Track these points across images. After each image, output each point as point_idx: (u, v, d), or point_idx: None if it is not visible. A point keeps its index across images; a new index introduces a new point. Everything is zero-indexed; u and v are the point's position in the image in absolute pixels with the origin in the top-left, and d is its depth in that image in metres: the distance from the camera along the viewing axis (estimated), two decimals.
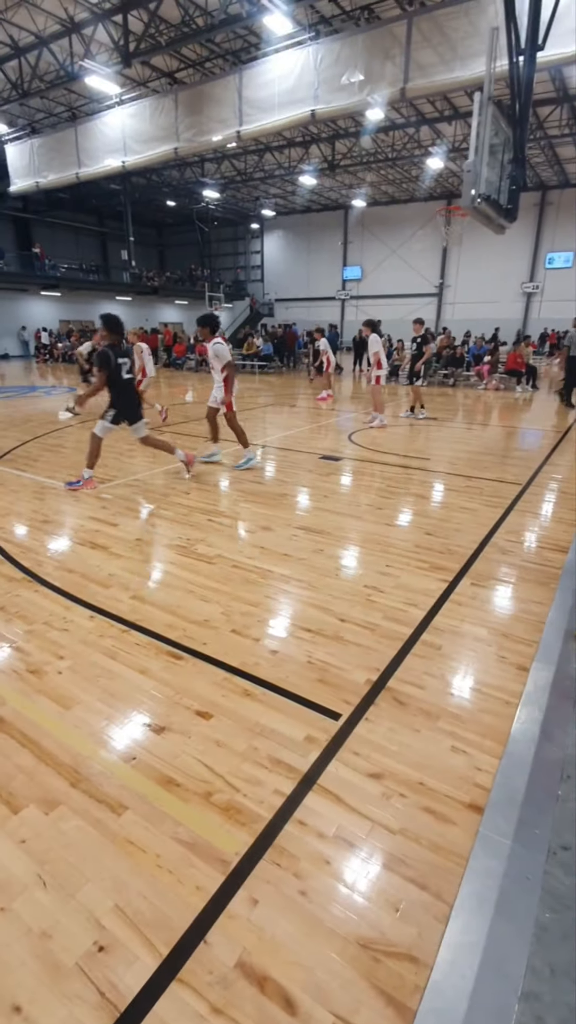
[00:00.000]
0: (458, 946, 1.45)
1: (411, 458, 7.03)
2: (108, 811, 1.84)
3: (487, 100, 5.95)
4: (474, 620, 3.07)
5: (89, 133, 14.87)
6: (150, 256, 34.52)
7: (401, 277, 27.84)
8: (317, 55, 10.67)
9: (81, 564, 3.75)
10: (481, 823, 1.78)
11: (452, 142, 18.87)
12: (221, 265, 34.11)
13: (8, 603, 3.21)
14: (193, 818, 1.82)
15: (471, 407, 12.66)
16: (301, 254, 31.29)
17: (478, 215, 6.40)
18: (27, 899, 1.56)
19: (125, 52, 11.90)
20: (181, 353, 22.76)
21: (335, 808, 1.85)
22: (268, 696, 2.42)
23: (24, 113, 17.48)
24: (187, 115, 12.79)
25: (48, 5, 11.99)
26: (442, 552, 4.01)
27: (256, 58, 12.47)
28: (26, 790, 1.93)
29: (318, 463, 6.72)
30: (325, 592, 3.39)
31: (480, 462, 6.85)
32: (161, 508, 4.95)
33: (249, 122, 11.86)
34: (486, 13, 9.14)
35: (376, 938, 1.47)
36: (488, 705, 2.37)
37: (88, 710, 2.33)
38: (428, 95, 12.11)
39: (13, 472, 6.12)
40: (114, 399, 5.32)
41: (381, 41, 10.11)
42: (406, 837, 1.75)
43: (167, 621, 3.04)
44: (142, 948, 1.44)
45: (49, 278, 25.90)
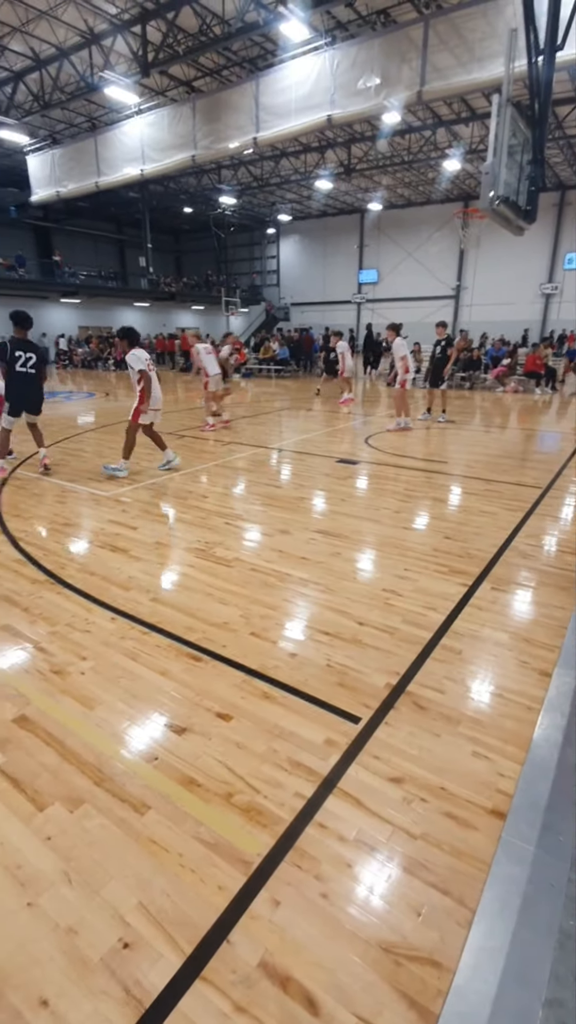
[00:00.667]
0: (481, 951, 1.44)
1: (429, 461, 7.00)
2: (131, 810, 1.87)
3: (505, 101, 5.93)
4: (495, 625, 3.05)
5: (108, 143, 15.11)
6: (167, 262, 34.90)
7: (417, 280, 27.72)
8: (333, 60, 10.71)
9: (102, 567, 3.81)
10: (504, 829, 1.77)
11: (469, 143, 18.77)
12: (237, 270, 34.32)
13: (32, 604, 3.27)
14: (215, 818, 1.83)
15: (489, 410, 12.56)
16: (317, 258, 31.34)
17: (497, 217, 6.36)
18: (53, 895, 1.60)
19: (144, 62, 12.08)
20: None
21: (356, 812, 1.85)
22: (287, 699, 2.43)
23: (45, 124, 17.82)
24: (204, 123, 12.93)
25: (68, 17, 12.22)
26: (461, 556, 3.98)
27: (272, 65, 12.56)
28: (51, 788, 1.96)
29: (335, 467, 6.72)
30: (343, 595, 3.39)
31: (499, 465, 6.79)
32: (179, 511, 5.00)
33: (266, 128, 11.95)
34: (503, 14, 9.09)
35: (398, 942, 1.47)
36: (510, 710, 2.35)
37: (110, 710, 2.36)
38: (445, 97, 12.06)
39: (35, 476, 6.23)
40: (7, 391, 5.80)
41: (397, 44, 10.12)
42: (427, 842, 1.74)
43: (186, 623, 3.07)
44: (166, 946, 1.46)
45: (69, 285, 26.32)
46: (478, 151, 18.77)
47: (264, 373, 21.14)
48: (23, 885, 1.62)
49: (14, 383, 5.78)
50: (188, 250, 36.22)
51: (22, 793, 1.94)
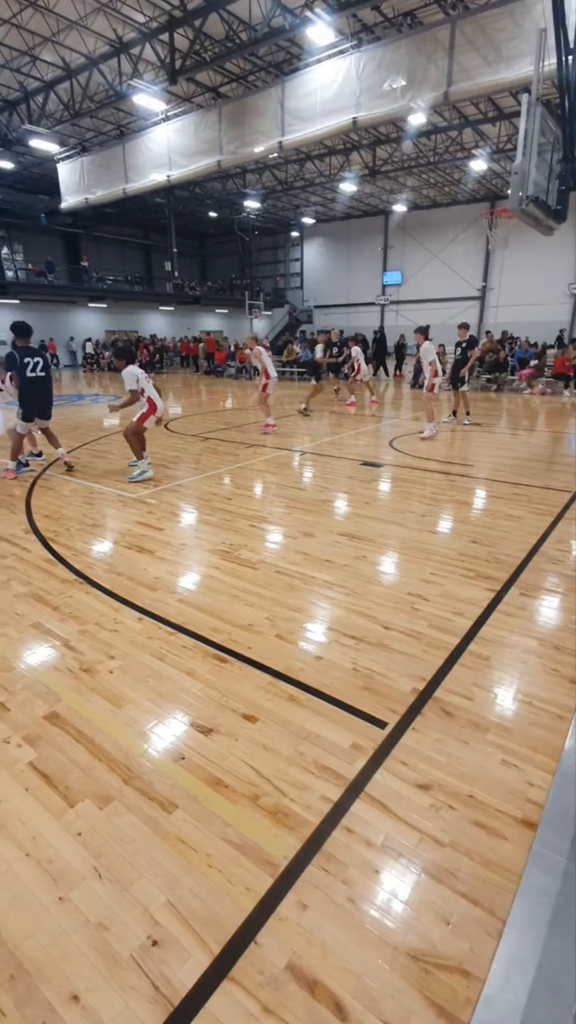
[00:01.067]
0: (511, 962, 1.42)
1: (454, 464, 6.93)
2: (160, 809, 1.89)
3: (535, 100, 5.84)
4: (523, 631, 3.00)
5: (136, 149, 15.36)
6: (192, 266, 35.27)
7: (442, 281, 27.47)
8: (359, 63, 10.70)
9: (129, 567, 3.86)
10: (535, 839, 1.74)
11: (496, 143, 18.55)
12: (261, 273, 34.51)
13: (62, 604, 3.34)
14: (242, 820, 1.85)
15: (516, 412, 12.37)
16: (341, 260, 31.31)
17: (526, 217, 6.27)
18: (84, 890, 1.63)
19: (171, 70, 12.25)
20: (222, 360, 23.13)
21: (383, 817, 1.85)
22: (313, 702, 2.43)
23: (75, 133, 18.20)
24: (230, 128, 13.05)
25: (98, 26, 12.47)
26: (488, 560, 3.93)
27: (298, 69, 12.61)
28: (81, 785, 2.00)
29: (359, 469, 6.70)
30: (368, 599, 3.38)
31: (526, 469, 6.68)
32: (204, 513, 5.04)
33: (291, 132, 12.00)
34: (531, 13, 8.98)
35: (427, 950, 1.46)
36: (539, 719, 2.31)
37: (138, 709, 2.40)
38: (472, 97, 11.93)
39: (63, 478, 6.35)
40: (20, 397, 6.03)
41: (424, 45, 10.06)
42: (456, 850, 1.73)
43: (212, 625, 3.09)
44: (194, 945, 1.48)
45: (96, 290, 26.80)
46: (505, 150, 18.53)
47: (287, 376, 21.19)
48: (55, 880, 1.66)
49: (27, 389, 6.04)
50: (212, 254, 36.55)
51: (54, 789, 1.98)
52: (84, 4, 11.68)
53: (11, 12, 11.85)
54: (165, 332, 31.09)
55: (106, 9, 11.78)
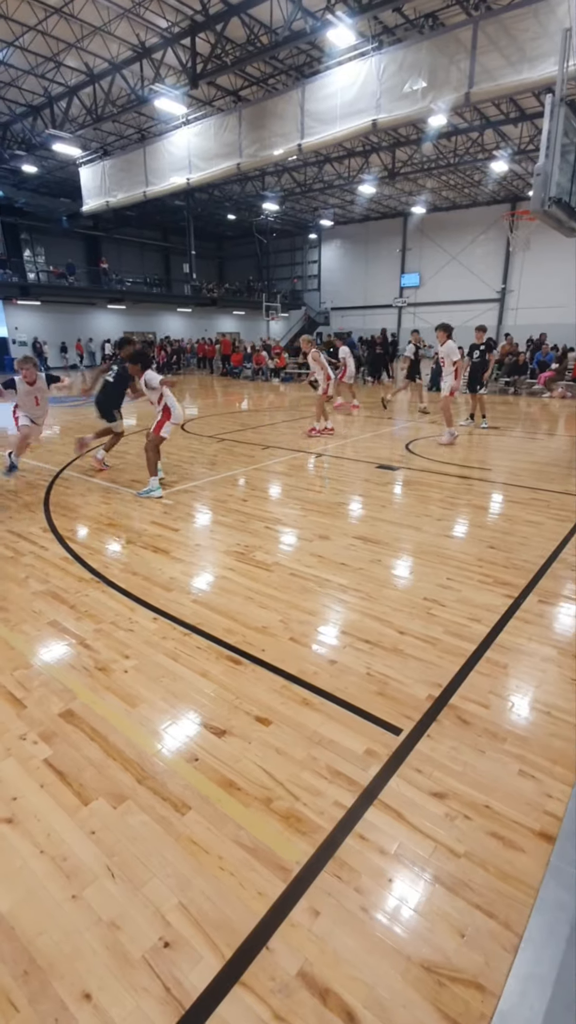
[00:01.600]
0: (528, 978, 1.39)
1: (471, 468, 6.86)
2: (172, 809, 1.89)
3: (559, 101, 5.77)
4: (542, 639, 2.96)
5: (156, 153, 15.51)
6: (210, 268, 35.49)
7: (461, 283, 27.27)
8: (380, 65, 10.68)
9: (144, 567, 3.88)
10: (552, 853, 1.71)
11: (518, 144, 18.37)
12: (278, 275, 34.59)
13: (79, 602, 3.37)
14: (254, 823, 1.84)
15: (535, 416, 12.22)
16: (358, 262, 31.25)
17: (548, 219, 6.20)
18: (97, 889, 1.63)
19: (193, 74, 12.35)
20: (238, 362, 23.21)
21: (397, 825, 1.83)
22: (327, 706, 2.41)
23: (97, 137, 18.44)
24: (250, 131, 13.11)
25: (121, 32, 12.62)
26: (506, 566, 3.88)
27: (318, 72, 12.62)
28: (96, 783, 2.01)
29: (375, 472, 6.67)
30: (383, 603, 3.35)
31: (546, 473, 6.59)
32: (220, 515, 5.06)
33: (311, 135, 12.02)
34: (556, 13, 8.88)
35: (440, 962, 1.43)
36: (558, 729, 2.27)
37: (152, 709, 2.40)
38: (494, 98, 11.86)
39: (82, 477, 6.42)
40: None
41: (445, 47, 10.01)
42: (472, 861, 1.70)
43: (226, 626, 3.10)
44: (206, 948, 1.47)
45: (115, 292, 27.10)
46: (527, 151, 18.34)
47: (303, 378, 21.18)
48: (68, 877, 1.67)
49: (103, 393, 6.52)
50: (230, 256, 36.74)
51: (68, 786, 1.99)
52: (108, 10, 11.83)
53: (37, 19, 12.05)
54: (182, 334, 31.31)
55: (129, 15, 11.92)
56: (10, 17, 11.84)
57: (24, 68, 14.08)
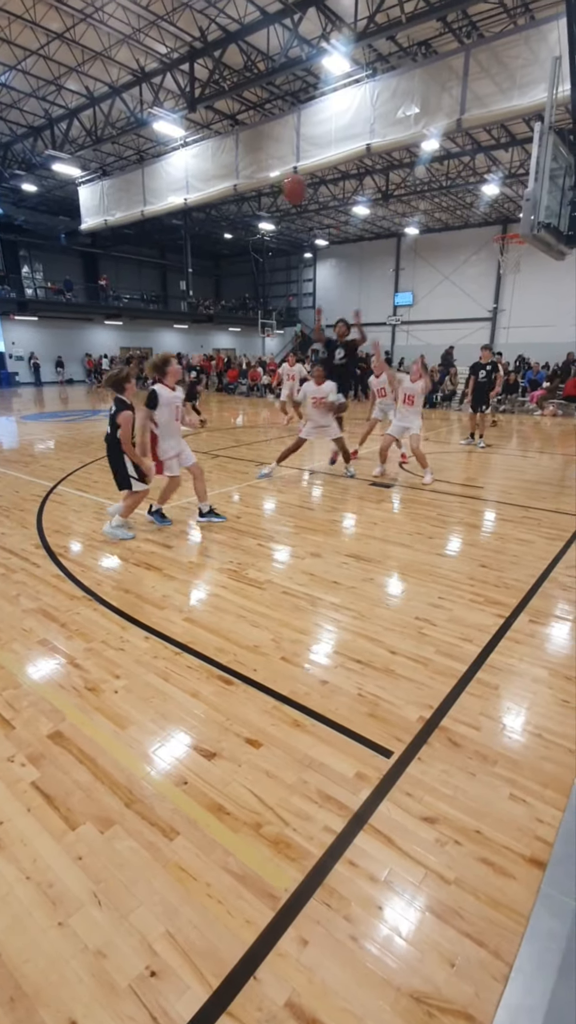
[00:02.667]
0: (518, 1009, 1.38)
1: (464, 486, 6.91)
2: (160, 835, 1.87)
3: (548, 128, 5.94)
4: (533, 660, 2.96)
5: (154, 174, 15.78)
6: (207, 286, 35.87)
7: (453, 302, 27.67)
8: (374, 91, 10.96)
9: (137, 585, 3.87)
10: (543, 880, 1.70)
11: (508, 168, 18.80)
12: (274, 293, 34.98)
13: (70, 620, 3.35)
14: (243, 849, 1.82)
15: (527, 434, 12.34)
16: (353, 281, 31.69)
17: (538, 243, 6.33)
18: (83, 916, 1.61)
19: (191, 98, 12.61)
20: (234, 378, 23.37)
21: (387, 851, 1.81)
22: (318, 728, 2.40)
23: (96, 157, 18.72)
24: (247, 153, 13.38)
25: (121, 57, 12.90)
26: (497, 585, 3.89)
27: (314, 97, 12.93)
28: (83, 807, 1.99)
29: (368, 489, 6.70)
30: (375, 623, 3.35)
31: (537, 492, 6.65)
32: (212, 532, 5.06)
33: (306, 158, 12.27)
34: (547, 41, 9.16)
35: (430, 992, 1.42)
36: (549, 753, 2.26)
37: (142, 731, 2.38)
38: (485, 124, 12.14)
39: (76, 492, 6.42)
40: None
41: (438, 74, 10.29)
42: (462, 888, 1.69)
43: (218, 645, 3.08)
44: (192, 977, 1.45)
45: (112, 308, 27.32)
46: (517, 175, 18.76)
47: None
48: (54, 904, 1.64)
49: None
50: (227, 274, 37.17)
51: (55, 810, 1.97)
52: (109, 36, 12.10)
53: (39, 43, 12.31)
54: (179, 349, 31.51)
55: (130, 41, 12.20)
56: (13, 42, 12.08)
57: (25, 91, 14.34)
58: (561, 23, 8.03)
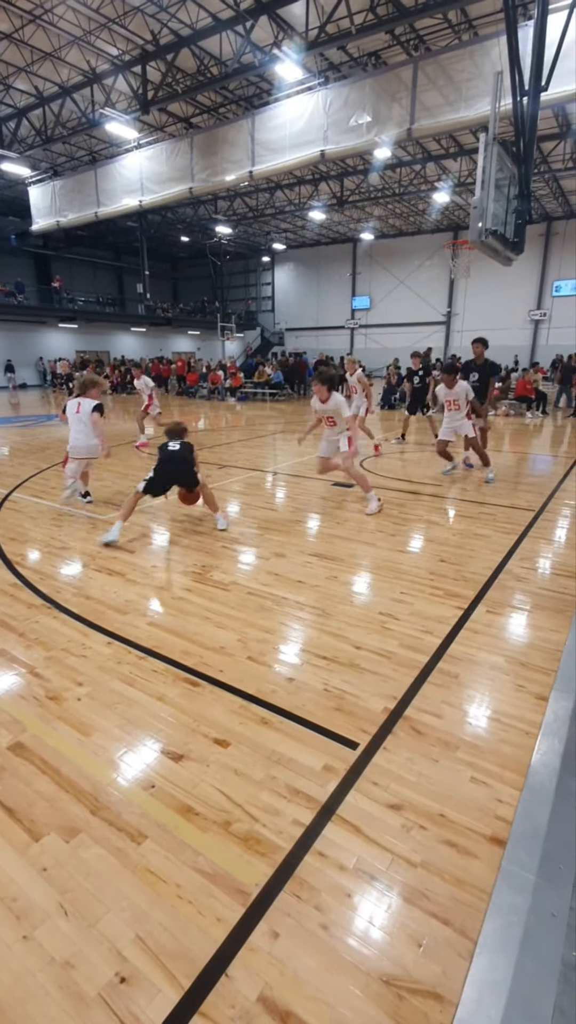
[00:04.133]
0: (483, 984, 1.43)
1: (423, 484, 7.07)
2: (128, 840, 1.85)
3: (492, 139, 6.17)
4: (491, 648, 3.06)
5: (108, 175, 15.54)
6: (164, 289, 35.52)
7: (409, 306, 28.33)
8: (326, 99, 11.14)
9: (99, 591, 3.80)
10: (504, 857, 1.76)
11: (458, 177, 19.41)
12: (233, 296, 34.96)
13: (28, 630, 3.26)
14: (213, 848, 1.82)
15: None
16: (311, 285, 32.02)
17: (485, 249, 6.56)
18: (49, 928, 1.57)
19: (144, 100, 12.51)
20: (194, 381, 23.20)
21: (355, 840, 1.84)
22: (285, 724, 2.42)
23: (47, 157, 18.30)
24: (202, 157, 13.35)
25: (72, 58, 12.68)
26: (456, 579, 4.01)
27: (268, 103, 13.04)
28: (47, 817, 1.94)
29: (330, 490, 6.78)
30: (340, 619, 3.40)
31: (492, 488, 6.87)
32: (176, 535, 5.01)
33: (261, 163, 12.35)
34: (490, 55, 9.53)
35: (399, 975, 1.45)
36: (507, 735, 2.35)
37: (107, 737, 2.34)
38: (434, 134, 12.54)
39: (32, 499, 6.24)
40: None
41: (388, 85, 10.55)
42: (428, 870, 1.73)
43: (183, 648, 3.06)
44: (164, 980, 1.44)
45: (66, 311, 26.71)
46: (466, 184, 19.39)
47: (259, 397, 21.38)
48: (18, 918, 1.60)
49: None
50: (185, 277, 36.92)
51: (18, 823, 1.91)
52: (59, 37, 11.88)
53: None
54: (136, 353, 31.08)
55: (80, 42, 12.01)
56: None
57: None
58: (502, 40, 8.35)
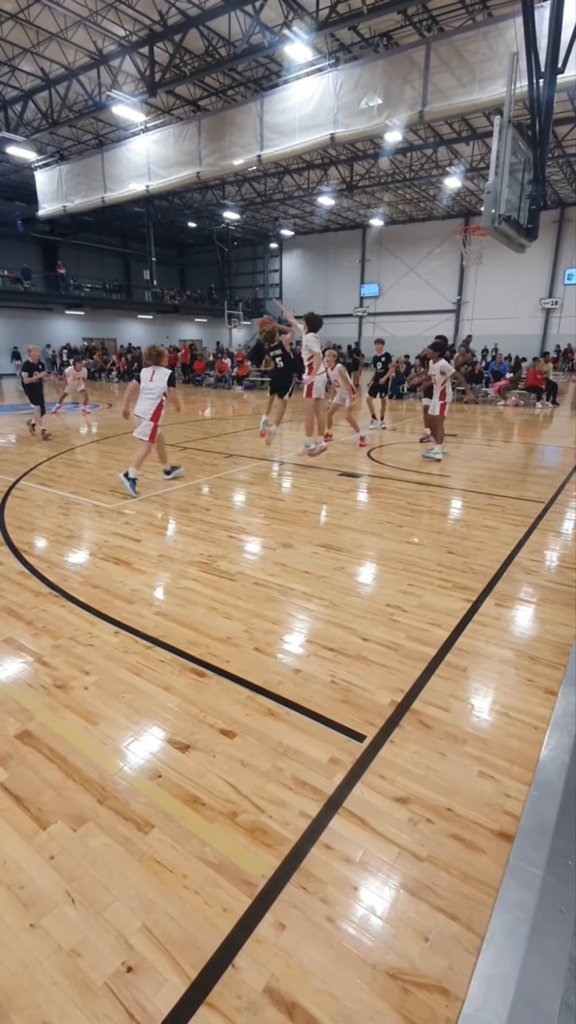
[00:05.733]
0: (490, 979, 1.42)
1: (431, 475, 7.02)
2: (135, 829, 1.85)
3: (507, 122, 6.03)
4: (499, 642, 3.04)
5: (115, 159, 15.37)
6: (171, 275, 35.30)
7: (418, 294, 28.01)
8: (337, 81, 10.93)
9: (105, 579, 3.80)
10: (512, 852, 1.75)
11: (470, 162, 19.06)
12: (240, 283, 34.68)
13: (36, 618, 3.26)
14: (219, 838, 1.82)
15: (491, 424, 12.61)
16: (319, 272, 31.69)
17: (498, 235, 6.44)
18: (57, 916, 1.58)
19: (151, 82, 12.32)
20: (201, 370, 23.10)
21: (361, 833, 1.84)
22: (292, 716, 2.41)
23: (53, 141, 18.12)
24: (210, 141, 13.16)
25: (78, 39, 12.49)
26: (464, 571, 3.98)
27: (277, 85, 12.81)
28: (54, 806, 1.95)
29: (337, 480, 6.74)
30: (347, 611, 3.38)
31: (501, 479, 6.81)
32: (183, 524, 5.01)
33: (270, 146, 12.16)
34: (504, 37, 9.30)
35: (406, 968, 1.45)
36: (516, 730, 2.33)
37: (114, 726, 2.35)
38: (446, 117, 12.28)
39: (39, 488, 6.25)
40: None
41: (400, 66, 10.33)
42: (434, 865, 1.73)
43: (190, 638, 3.06)
44: (170, 970, 1.44)
45: (73, 298, 26.59)
46: (479, 169, 19.05)
47: (265, 386, 21.26)
48: (26, 906, 1.61)
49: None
50: (192, 263, 36.64)
51: (25, 811, 1.92)
52: (65, 18, 11.69)
53: None
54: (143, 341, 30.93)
55: (87, 23, 11.82)
56: None
57: None
58: (518, 21, 8.13)
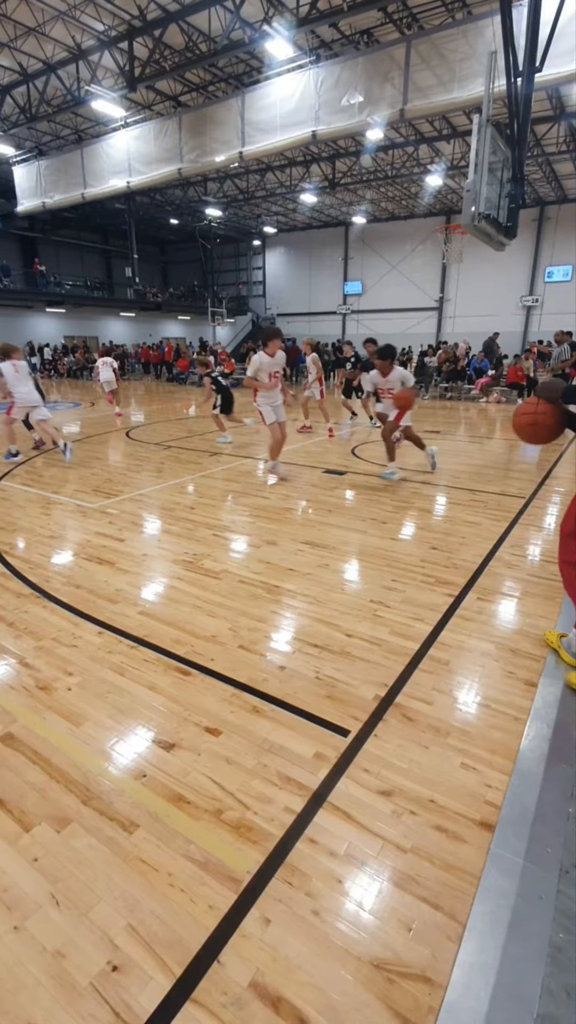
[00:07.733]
0: (472, 967, 1.45)
1: (414, 472, 7.07)
2: (119, 829, 1.85)
3: (486, 121, 6.09)
4: (481, 635, 3.08)
5: (95, 155, 15.18)
6: (153, 273, 34.98)
7: (401, 292, 28.11)
8: (318, 78, 10.91)
9: (88, 579, 3.77)
10: (492, 841, 1.78)
11: (451, 160, 19.17)
12: (223, 281, 34.49)
13: (17, 619, 3.23)
14: (204, 836, 1.82)
15: (473, 421, 12.73)
16: (303, 270, 31.65)
17: (478, 233, 6.50)
18: (41, 918, 1.57)
19: (131, 77, 12.18)
20: (184, 367, 22.97)
21: (346, 826, 1.85)
22: (276, 712, 2.42)
23: (31, 136, 17.84)
24: (191, 137, 13.06)
25: (56, 33, 12.29)
26: (447, 566, 4.02)
27: (258, 81, 12.74)
28: (38, 808, 1.93)
29: (322, 477, 6.76)
30: (331, 607, 3.40)
31: (483, 475, 6.88)
32: (167, 523, 4.98)
33: (251, 143, 12.11)
34: (483, 35, 9.35)
35: (390, 958, 1.47)
36: (497, 721, 2.37)
37: (98, 727, 2.34)
38: (427, 116, 12.31)
39: (20, 487, 6.17)
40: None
41: (380, 64, 10.34)
42: (418, 855, 1.75)
43: (175, 636, 3.05)
44: (155, 968, 1.44)
45: (54, 295, 26.24)
46: (459, 167, 19.17)
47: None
48: (9, 908, 1.59)
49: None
50: (174, 261, 36.36)
51: (8, 814, 1.91)
52: (43, 12, 11.51)
53: None
54: (126, 338, 30.70)
55: (65, 17, 11.64)
56: None
57: None
58: (496, 19, 8.20)
